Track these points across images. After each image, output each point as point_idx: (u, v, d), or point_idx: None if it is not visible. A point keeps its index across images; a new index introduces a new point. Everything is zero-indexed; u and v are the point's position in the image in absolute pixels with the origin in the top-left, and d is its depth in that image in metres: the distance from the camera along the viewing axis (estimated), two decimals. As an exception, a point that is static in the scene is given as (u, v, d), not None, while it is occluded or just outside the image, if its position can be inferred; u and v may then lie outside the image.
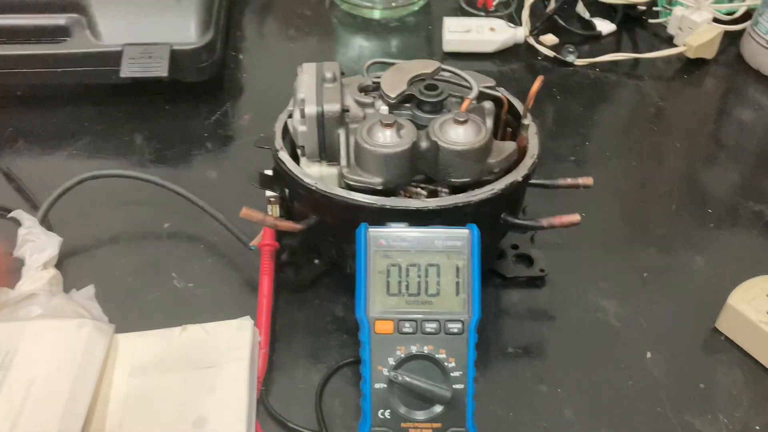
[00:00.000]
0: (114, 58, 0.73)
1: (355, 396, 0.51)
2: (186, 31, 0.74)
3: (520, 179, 0.52)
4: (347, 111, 0.51)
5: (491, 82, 0.57)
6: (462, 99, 0.55)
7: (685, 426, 0.50)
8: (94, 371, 0.47)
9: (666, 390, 0.52)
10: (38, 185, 0.66)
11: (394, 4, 0.93)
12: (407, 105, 0.54)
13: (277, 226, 0.52)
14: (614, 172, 0.71)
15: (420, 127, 0.52)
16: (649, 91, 0.82)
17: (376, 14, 0.93)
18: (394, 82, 0.53)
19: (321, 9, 0.94)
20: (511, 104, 0.57)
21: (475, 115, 0.51)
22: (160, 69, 0.71)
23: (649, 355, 0.54)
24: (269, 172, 0.58)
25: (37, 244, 0.57)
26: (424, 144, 0.50)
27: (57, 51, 0.74)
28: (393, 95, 0.52)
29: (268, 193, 0.57)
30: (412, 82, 0.53)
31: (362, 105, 0.53)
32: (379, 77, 0.56)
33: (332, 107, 0.50)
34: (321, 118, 0.50)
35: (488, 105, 0.52)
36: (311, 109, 0.50)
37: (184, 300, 0.58)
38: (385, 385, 0.44)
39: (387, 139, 0.49)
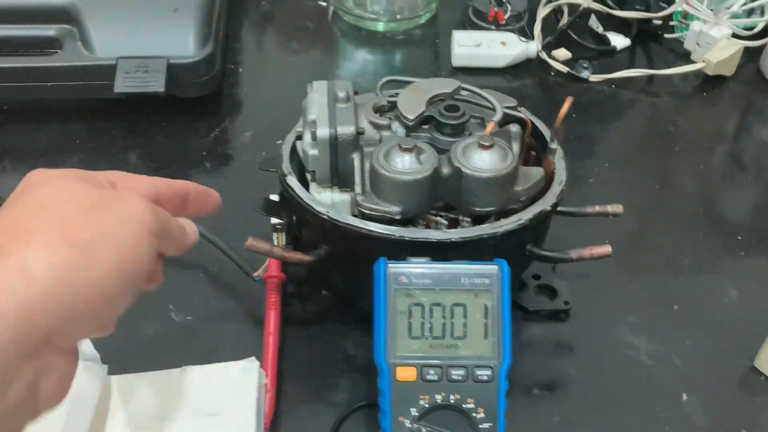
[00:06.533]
0: (107, 72, 0.68)
1: (370, 444, 0.47)
2: (184, 43, 0.70)
3: (548, 208, 0.48)
4: (362, 133, 0.47)
5: (513, 102, 0.53)
6: (482, 120, 0.51)
7: (728, 477, 0.46)
8: (85, 418, 0.43)
9: (706, 437, 0.48)
10: (25, 208, 0.62)
11: (399, 17, 0.90)
12: (425, 127, 0.50)
13: (285, 258, 0.48)
14: (637, 196, 0.67)
15: (440, 150, 0.48)
16: (668, 109, 0.79)
17: (380, 27, 0.89)
18: (412, 103, 0.49)
19: (324, 21, 0.90)
20: (534, 126, 0.53)
21: (500, 138, 0.47)
22: (156, 84, 0.67)
23: (685, 397, 0.50)
24: (275, 197, 0.54)
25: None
26: (445, 170, 0.46)
27: (46, 64, 0.69)
28: (411, 117, 0.48)
29: (274, 220, 0.53)
30: (431, 102, 0.49)
31: (378, 127, 0.49)
32: (393, 96, 0.53)
33: (346, 129, 0.47)
34: (334, 141, 0.47)
35: (514, 128, 0.49)
36: (323, 132, 0.46)
37: (183, 335, 0.53)
38: (407, 438, 0.40)
39: (406, 165, 0.45)
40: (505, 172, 0.45)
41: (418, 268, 0.42)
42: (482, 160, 0.46)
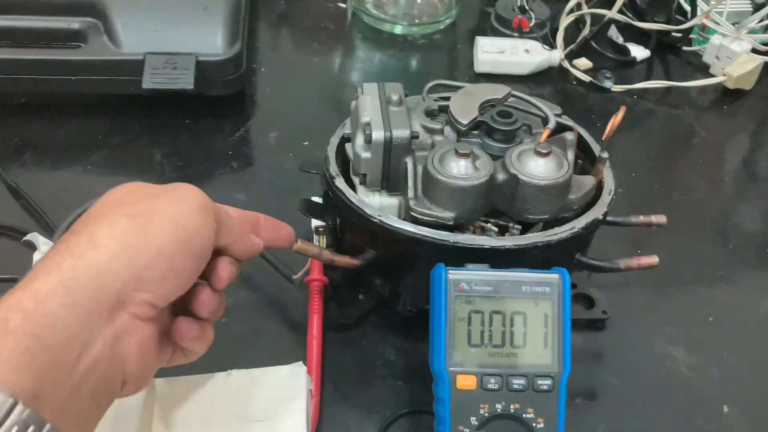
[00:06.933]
0: (134, 67, 0.67)
1: (416, 452, 0.46)
2: (213, 41, 0.69)
3: (600, 217, 0.48)
4: (416, 137, 0.47)
5: (558, 110, 0.53)
6: (529, 127, 0.51)
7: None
8: (132, 421, 0.42)
9: (751, 451, 0.48)
10: (50, 203, 0.60)
11: (417, 21, 0.89)
12: (475, 132, 0.49)
13: (333, 261, 0.47)
14: (666, 207, 0.67)
15: (491, 156, 0.47)
16: (690, 120, 0.79)
17: (399, 30, 0.89)
18: (465, 108, 0.48)
19: (344, 22, 0.89)
20: (580, 135, 0.53)
21: (555, 146, 0.47)
22: (185, 81, 0.66)
23: (726, 409, 0.50)
24: (317, 199, 0.53)
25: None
26: (500, 176, 0.46)
27: (70, 57, 0.68)
28: (465, 122, 0.47)
29: (315, 222, 0.52)
30: (483, 107, 0.49)
31: (430, 131, 0.48)
32: (439, 99, 0.52)
33: (401, 133, 0.46)
34: (389, 144, 0.46)
35: (570, 136, 0.48)
36: (378, 135, 0.46)
37: (219, 338, 0.52)
38: (467, 448, 0.40)
39: (462, 170, 0.45)
40: (562, 180, 0.45)
41: (478, 275, 0.41)
42: (538, 168, 0.45)
